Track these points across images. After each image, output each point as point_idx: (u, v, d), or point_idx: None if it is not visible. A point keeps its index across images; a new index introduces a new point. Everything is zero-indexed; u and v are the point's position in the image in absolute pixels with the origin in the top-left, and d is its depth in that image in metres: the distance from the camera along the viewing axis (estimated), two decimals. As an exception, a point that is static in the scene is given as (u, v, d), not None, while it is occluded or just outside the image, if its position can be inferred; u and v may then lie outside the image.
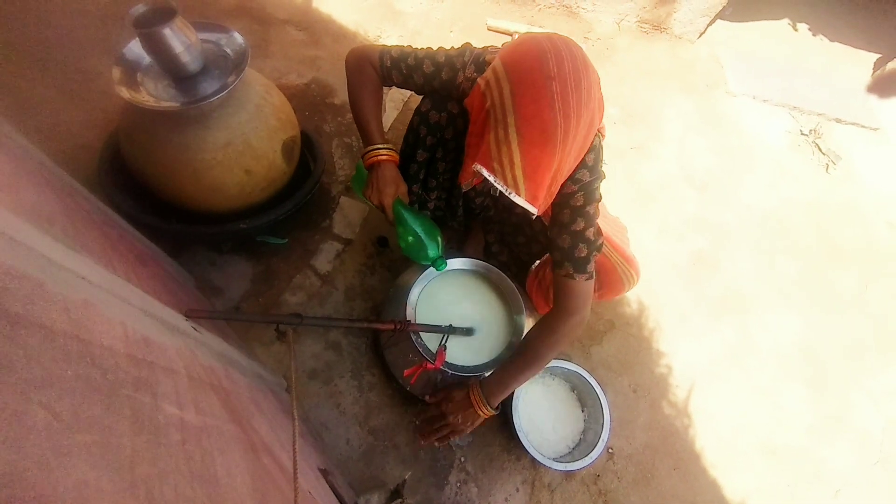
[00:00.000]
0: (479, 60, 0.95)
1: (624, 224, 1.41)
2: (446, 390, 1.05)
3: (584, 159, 0.90)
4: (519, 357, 1.01)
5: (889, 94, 2.49)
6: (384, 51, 1.01)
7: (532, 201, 0.82)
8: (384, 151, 1.01)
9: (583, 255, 0.93)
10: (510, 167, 0.79)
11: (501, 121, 0.78)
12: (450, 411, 1.01)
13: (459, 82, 0.98)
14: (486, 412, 0.99)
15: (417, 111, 1.08)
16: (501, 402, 1.19)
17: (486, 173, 0.82)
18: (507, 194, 0.81)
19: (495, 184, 0.82)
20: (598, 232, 0.96)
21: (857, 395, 1.60)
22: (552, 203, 0.95)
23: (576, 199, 0.93)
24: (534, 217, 0.90)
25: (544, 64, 0.73)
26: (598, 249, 0.96)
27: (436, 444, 1.04)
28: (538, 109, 0.73)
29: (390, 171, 1.02)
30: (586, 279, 0.95)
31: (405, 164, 1.18)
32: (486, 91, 0.81)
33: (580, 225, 0.93)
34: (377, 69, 1.02)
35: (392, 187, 1.02)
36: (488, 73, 0.82)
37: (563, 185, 0.90)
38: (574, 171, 0.90)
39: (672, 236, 1.79)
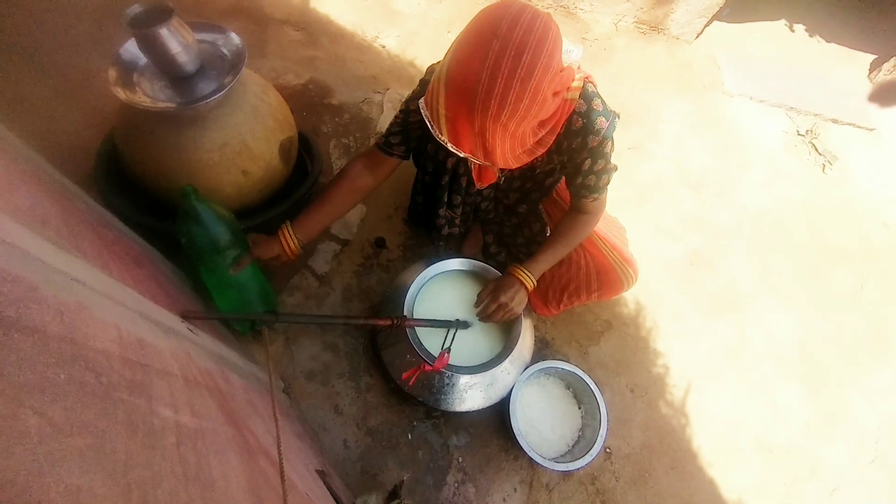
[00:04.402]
0: None
1: (622, 224, 1.42)
2: (489, 287, 1.14)
3: (575, 109, 0.90)
4: (551, 246, 1.13)
5: (886, 96, 2.50)
6: (376, 140, 1.10)
7: (457, 145, 0.80)
8: (291, 240, 1.03)
9: (604, 182, 1.02)
10: (437, 106, 0.78)
11: (443, 60, 0.78)
12: (508, 297, 1.09)
13: None
14: (531, 286, 1.11)
15: (431, 138, 1.07)
16: (499, 404, 1.19)
17: (421, 106, 0.81)
18: (432, 132, 0.81)
19: (424, 118, 0.81)
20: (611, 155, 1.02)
21: (852, 394, 1.61)
22: (570, 150, 0.98)
23: (591, 140, 0.95)
24: (501, 179, 0.94)
25: (497, 21, 0.71)
26: (616, 169, 1.03)
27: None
28: (469, 57, 0.72)
29: (277, 247, 1.03)
30: (606, 193, 1.07)
31: (428, 191, 1.22)
32: None
33: (600, 164, 0.98)
34: (378, 158, 1.10)
35: (266, 253, 1.03)
36: None
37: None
38: (569, 121, 0.92)
39: (669, 236, 1.79)
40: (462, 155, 0.82)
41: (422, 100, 0.82)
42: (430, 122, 0.81)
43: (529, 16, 0.72)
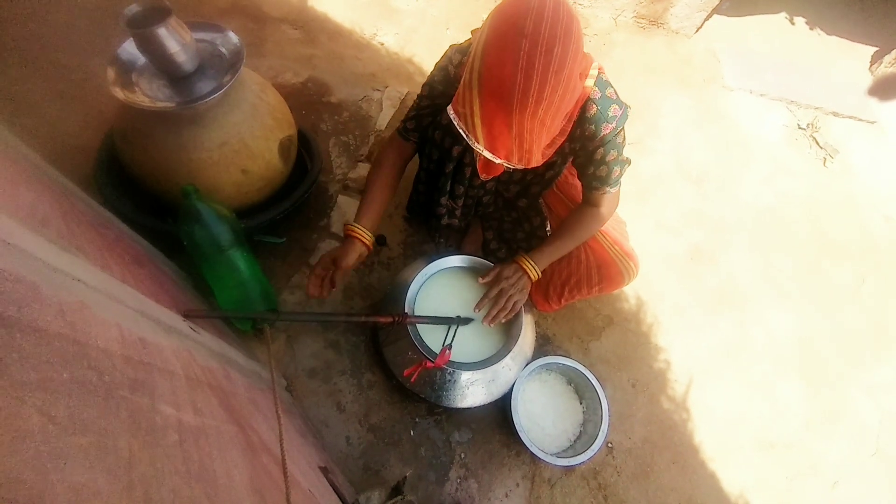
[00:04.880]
0: (463, 48, 0.96)
1: (623, 218, 1.41)
2: (495, 269, 1.13)
3: (589, 96, 0.91)
4: (558, 238, 1.13)
5: (887, 88, 2.49)
6: (398, 126, 1.13)
7: (493, 151, 0.80)
8: (365, 234, 1.06)
9: (616, 174, 1.01)
10: (471, 114, 0.78)
11: (470, 66, 0.77)
12: (510, 284, 1.09)
13: (452, 77, 0.98)
14: (534, 276, 1.10)
15: (438, 125, 1.09)
16: (501, 399, 1.19)
17: (452, 115, 0.81)
18: (468, 141, 0.81)
19: (458, 127, 0.81)
20: (623, 147, 1.01)
21: (853, 389, 1.61)
22: (583, 138, 0.97)
23: (605, 127, 0.94)
24: (511, 169, 0.92)
25: (521, 19, 0.71)
26: (629, 163, 1.02)
27: (502, 319, 1.10)
28: (501, 61, 0.72)
29: (358, 246, 1.05)
30: (618, 188, 1.05)
31: (431, 179, 1.22)
32: (471, 40, 0.84)
33: (612, 155, 0.98)
34: (401, 143, 1.13)
35: (352, 260, 1.05)
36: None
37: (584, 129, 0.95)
38: (583, 110, 0.92)
39: (669, 231, 1.79)
40: (498, 162, 0.82)
41: (450, 107, 0.82)
42: (464, 132, 0.81)
43: (552, 6, 0.72)
